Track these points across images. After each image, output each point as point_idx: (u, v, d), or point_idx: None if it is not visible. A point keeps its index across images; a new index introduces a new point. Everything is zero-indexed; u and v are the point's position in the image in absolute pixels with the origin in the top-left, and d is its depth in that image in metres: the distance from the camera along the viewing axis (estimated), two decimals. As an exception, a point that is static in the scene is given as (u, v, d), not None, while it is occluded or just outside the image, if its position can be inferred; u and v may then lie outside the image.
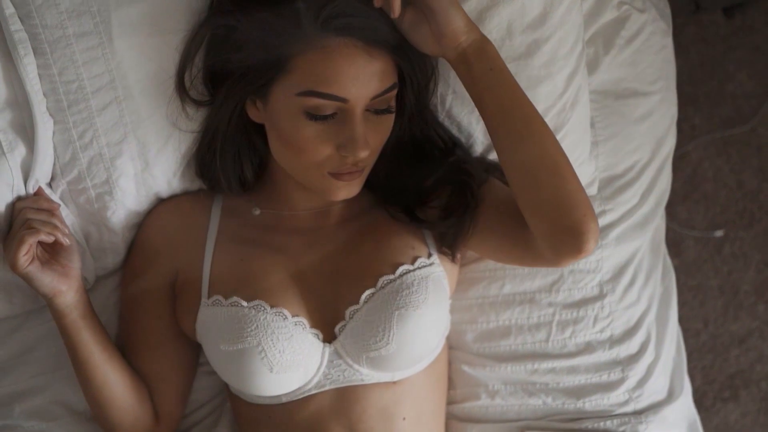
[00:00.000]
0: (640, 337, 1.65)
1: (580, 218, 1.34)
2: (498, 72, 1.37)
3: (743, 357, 2.39)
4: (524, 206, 1.37)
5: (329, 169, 1.41)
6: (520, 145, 1.36)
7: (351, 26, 1.34)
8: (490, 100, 1.37)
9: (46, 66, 1.44)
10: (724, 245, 2.43)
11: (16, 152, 1.44)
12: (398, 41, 1.39)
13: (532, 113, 1.37)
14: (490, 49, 1.37)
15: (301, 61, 1.35)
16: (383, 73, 1.37)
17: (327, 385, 1.47)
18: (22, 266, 1.40)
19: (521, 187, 1.37)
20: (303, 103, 1.36)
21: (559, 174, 1.35)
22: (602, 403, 1.62)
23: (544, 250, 1.38)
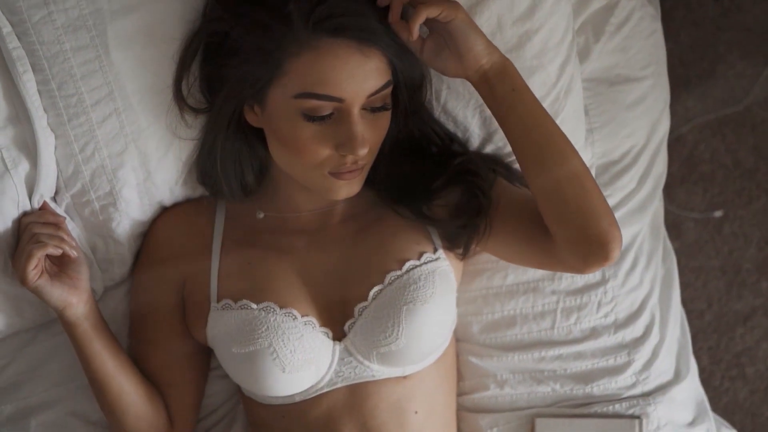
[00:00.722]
0: (645, 319, 1.66)
1: (606, 228, 1.38)
2: (520, 92, 1.40)
3: (748, 335, 2.40)
4: (550, 219, 1.41)
5: (329, 169, 1.42)
6: (544, 161, 1.40)
7: (343, 26, 1.35)
8: (514, 120, 1.41)
9: (45, 81, 1.45)
10: (723, 225, 2.43)
11: (20, 168, 1.45)
12: (391, 39, 1.40)
13: (555, 130, 1.40)
14: (511, 70, 1.41)
15: (296, 64, 1.36)
16: (377, 71, 1.39)
17: (339, 383, 1.48)
18: (31, 280, 1.41)
19: (547, 200, 1.40)
20: (300, 105, 1.37)
21: (584, 187, 1.39)
22: (610, 387, 1.63)
23: (569, 259, 1.41)
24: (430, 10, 1.36)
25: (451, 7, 1.37)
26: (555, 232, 1.41)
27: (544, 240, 1.44)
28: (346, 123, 1.38)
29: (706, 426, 1.68)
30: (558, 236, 1.41)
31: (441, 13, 1.37)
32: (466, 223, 1.50)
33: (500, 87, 1.41)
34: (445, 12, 1.37)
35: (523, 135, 1.41)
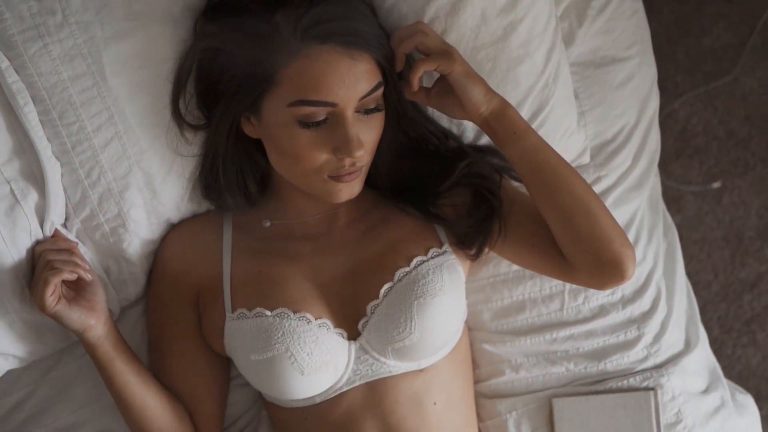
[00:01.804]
0: (651, 293, 1.67)
1: (618, 250, 1.43)
2: (522, 134, 1.44)
3: (756, 301, 2.41)
4: (564, 246, 1.46)
5: (328, 173, 1.44)
6: (552, 194, 1.44)
7: (330, 32, 1.37)
8: (519, 159, 1.45)
9: (46, 112, 1.48)
10: (722, 196, 2.45)
11: (29, 198, 1.47)
12: (378, 42, 1.42)
13: (560, 165, 1.45)
14: (510, 115, 1.45)
15: (288, 73, 1.38)
16: (367, 74, 1.41)
17: (357, 381, 1.50)
18: (50, 306, 1.43)
19: (559, 229, 1.45)
20: (294, 113, 1.40)
21: (592, 214, 1.43)
22: (623, 362, 1.64)
23: (586, 280, 1.48)
24: (427, 65, 1.42)
25: (448, 60, 1.42)
26: (570, 258, 1.46)
27: (559, 258, 1.48)
28: (340, 126, 1.41)
29: (720, 392, 1.69)
30: (573, 262, 1.46)
31: (438, 67, 1.42)
32: (479, 224, 1.53)
33: (501, 131, 1.46)
34: (441, 66, 1.42)
35: (530, 173, 1.46)
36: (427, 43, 1.43)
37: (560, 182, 1.45)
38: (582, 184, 1.46)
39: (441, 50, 1.43)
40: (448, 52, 1.43)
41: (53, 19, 1.46)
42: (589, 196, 1.45)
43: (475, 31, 1.53)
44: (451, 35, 1.52)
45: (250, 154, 1.53)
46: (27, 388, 1.63)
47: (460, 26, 1.52)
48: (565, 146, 1.63)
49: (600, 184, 1.68)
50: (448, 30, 1.52)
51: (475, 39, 1.53)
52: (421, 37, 1.43)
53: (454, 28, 1.52)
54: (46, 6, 1.45)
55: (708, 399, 1.67)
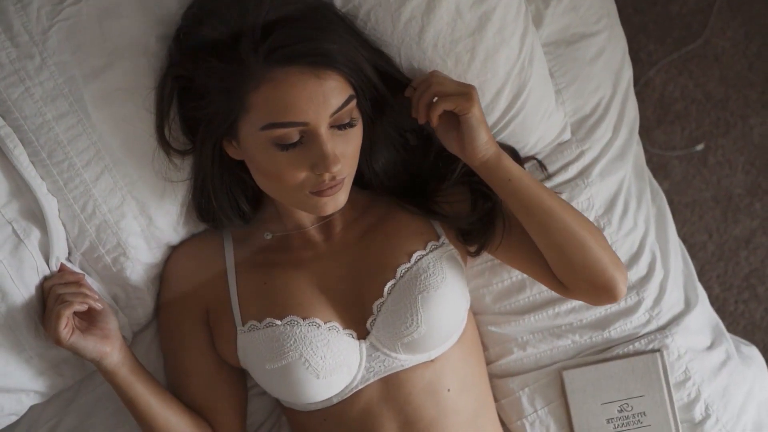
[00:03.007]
0: (646, 258, 1.69)
1: (611, 276, 1.51)
2: (516, 181, 1.49)
3: (752, 256, 2.43)
4: (559, 274, 1.53)
5: (310, 189, 1.45)
6: (546, 232, 1.50)
7: (293, 54, 1.39)
8: (513, 203, 1.51)
9: (35, 153, 1.50)
10: (707, 157, 2.46)
11: (32, 236, 1.50)
12: (344, 57, 1.42)
13: (553, 205, 1.50)
14: (505, 163, 1.49)
15: (256, 98, 1.40)
16: (336, 90, 1.42)
17: (371, 378, 1.53)
18: (65, 339, 1.45)
19: (554, 262, 1.52)
20: (268, 136, 1.41)
21: (586, 248, 1.49)
22: (627, 328, 1.67)
23: (582, 299, 1.57)
24: (448, 105, 1.45)
25: (467, 102, 1.45)
26: (565, 283, 1.53)
27: (554, 278, 1.55)
28: (316, 144, 1.42)
29: (724, 347, 1.72)
30: (568, 286, 1.53)
31: (456, 108, 1.45)
32: (482, 220, 1.57)
33: (496, 177, 1.50)
34: (460, 107, 1.45)
35: (523, 213, 1.51)
36: (445, 90, 1.47)
37: (553, 221, 1.50)
38: (575, 219, 1.51)
39: (459, 92, 1.46)
40: (467, 93, 1.46)
41: (32, 63, 1.48)
42: (582, 231, 1.51)
43: (451, 25, 1.55)
44: (428, 32, 1.54)
45: (238, 175, 1.55)
46: (51, 422, 1.65)
47: (437, 22, 1.54)
48: (546, 125, 1.66)
49: (584, 158, 1.70)
50: (425, 28, 1.54)
51: (452, 33, 1.55)
52: (437, 88, 1.47)
53: (431, 25, 1.54)
54: (23, 51, 1.48)
55: (713, 354, 1.70)
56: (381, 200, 1.62)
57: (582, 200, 1.69)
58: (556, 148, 1.71)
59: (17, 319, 1.50)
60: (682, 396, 1.66)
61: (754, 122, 2.47)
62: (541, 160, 1.69)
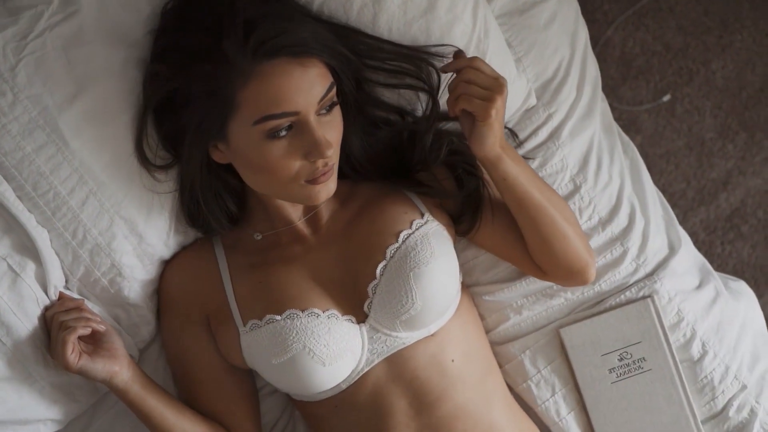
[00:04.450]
0: (625, 209, 1.72)
1: (586, 261, 1.62)
2: (511, 180, 1.55)
3: (732, 197, 2.45)
4: (541, 261, 1.62)
5: (305, 178, 1.48)
6: (534, 225, 1.57)
7: (278, 46, 1.42)
8: (507, 197, 1.57)
9: (20, 187, 1.52)
10: (675, 107, 2.48)
11: (28, 269, 1.52)
12: (322, 44, 1.46)
13: (542, 202, 1.57)
14: (503, 166, 1.54)
15: (246, 94, 1.43)
16: (320, 77, 1.46)
17: (375, 359, 1.55)
18: (74, 364, 1.47)
19: (537, 250, 1.60)
20: (261, 129, 1.44)
21: (567, 238, 1.59)
22: (616, 279, 1.70)
23: (555, 282, 1.67)
24: (469, 107, 1.49)
25: (485, 111, 1.48)
26: (543, 268, 1.63)
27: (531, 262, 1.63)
28: (307, 132, 1.45)
29: (713, 285, 1.75)
30: (546, 271, 1.63)
31: (475, 113, 1.49)
32: (470, 197, 1.62)
33: (494, 174, 1.55)
34: (478, 114, 1.49)
35: (516, 207, 1.58)
36: (472, 89, 1.49)
37: (541, 216, 1.57)
38: (561, 212, 1.60)
39: (484, 96, 1.48)
40: (492, 99, 1.48)
41: (4, 100, 1.50)
42: (565, 223, 1.59)
43: (403, 7, 1.58)
44: (381, 18, 1.57)
45: (224, 178, 1.58)
46: (70, 446, 1.67)
47: (388, 7, 1.57)
48: (511, 94, 1.65)
49: (552, 120, 1.72)
50: (378, 14, 1.57)
51: (404, 15, 1.58)
52: (469, 73, 1.49)
53: (383, 11, 1.57)
54: None
55: (703, 293, 1.73)
56: (361, 188, 1.65)
57: (555, 162, 1.71)
58: (524, 114, 1.74)
59: (25, 351, 1.52)
60: (678, 337, 1.70)
61: (716, 66, 2.50)
62: (512, 128, 1.72)
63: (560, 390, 1.70)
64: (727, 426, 1.70)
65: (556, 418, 1.70)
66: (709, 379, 1.70)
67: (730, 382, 1.70)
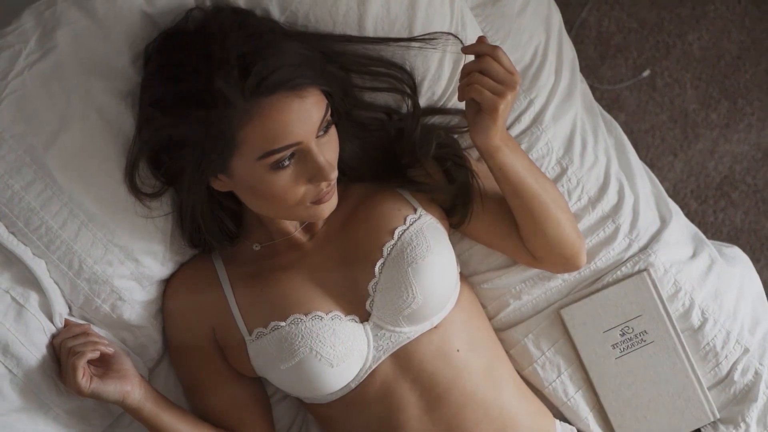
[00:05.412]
0: (614, 186, 1.73)
1: (577, 250, 1.66)
2: (507, 170, 1.57)
3: (720, 165, 2.47)
4: (534, 248, 1.64)
5: (311, 200, 1.50)
6: (529, 212, 1.60)
7: (276, 83, 1.41)
8: (503, 185, 1.60)
9: (12, 224, 1.53)
10: (655, 81, 2.50)
11: (31, 300, 1.53)
12: (313, 71, 1.47)
13: (537, 190, 1.60)
14: (500, 157, 1.56)
15: (247, 132, 1.43)
16: (316, 104, 1.46)
17: (382, 356, 1.57)
18: (86, 388, 1.49)
19: (531, 237, 1.63)
20: (265, 163, 1.45)
21: (561, 225, 1.62)
22: (610, 256, 1.72)
23: (547, 268, 1.70)
24: (479, 97, 1.49)
25: (494, 105, 1.48)
26: (536, 255, 1.66)
27: (525, 250, 1.66)
28: (310, 158, 1.46)
29: (707, 252, 1.77)
30: (539, 258, 1.66)
31: (483, 105, 1.50)
32: (460, 188, 1.63)
33: (491, 163, 1.57)
34: (486, 106, 1.49)
35: (511, 194, 1.60)
36: (492, 73, 1.48)
37: (536, 204, 1.59)
38: (555, 200, 1.62)
39: (497, 90, 1.48)
40: (503, 95, 1.48)
41: None
42: (558, 210, 1.62)
43: (386, 7, 1.60)
44: (367, 19, 1.60)
45: (222, 202, 1.60)
46: (89, 470, 1.68)
47: (372, 7, 1.59)
48: None
49: (534, 106, 1.73)
50: (363, 15, 1.59)
51: (388, 14, 1.60)
52: (486, 63, 1.48)
53: (368, 12, 1.60)
54: None
55: (698, 262, 1.74)
56: (353, 189, 1.67)
57: (541, 146, 1.73)
58: (505, 103, 1.76)
59: (36, 380, 1.53)
60: (677, 307, 1.71)
61: (692, 38, 2.52)
62: None
63: (566, 370, 1.72)
64: (733, 390, 1.72)
65: (564, 398, 1.72)
66: (711, 345, 1.71)
67: (732, 347, 1.72)
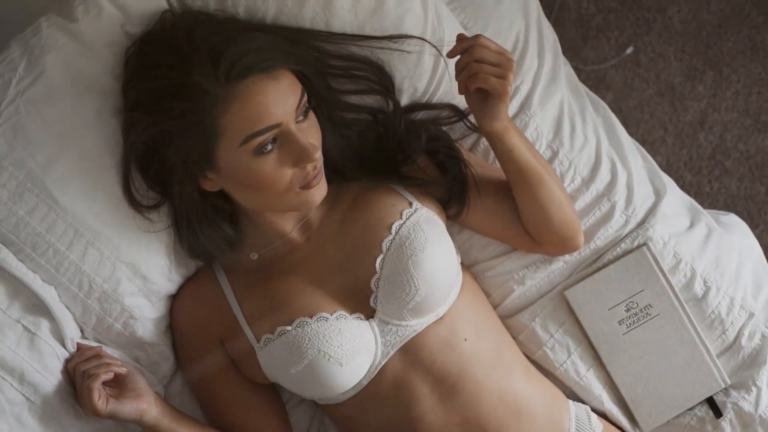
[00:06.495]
0: (606, 165, 1.75)
1: (576, 230, 1.69)
2: (516, 151, 1.59)
3: (710, 135, 2.48)
4: (536, 231, 1.66)
5: (299, 185, 1.52)
6: (534, 194, 1.62)
7: (248, 67, 1.45)
8: (509, 168, 1.62)
9: (20, 250, 1.54)
10: (639, 57, 2.51)
11: (42, 327, 1.54)
12: (284, 54, 1.50)
13: (541, 172, 1.62)
14: (509, 137, 1.58)
15: (228, 119, 1.46)
16: (291, 86, 1.49)
17: (390, 351, 1.58)
18: (103, 410, 1.50)
19: (533, 219, 1.65)
20: (248, 148, 1.48)
21: (563, 206, 1.65)
22: (609, 234, 1.72)
23: (547, 251, 1.72)
24: (485, 85, 1.50)
25: (501, 88, 1.50)
26: (539, 239, 1.68)
27: (524, 233, 1.67)
28: (292, 140, 1.49)
29: (704, 222, 1.78)
30: (541, 242, 1.68)
31: (492, 91, 1.51)
32: (455, 179, 1.65)
33: (501, 146, 1.59)
34: (495, 91, 1.51)
35: (517, 178, 1.62)
36: (487, 59, 1.50)
37: (541, 184, 1.62)
38: (555, 181, 1.65)
39: (498, 74, 1.49)
40: (505, 77, 1.50)
41: None
42: (561, 194, 1.65)
43: (353, 11, 1.61)
44: (335, 25, 1.61)
45: (215, 204, 1.61)
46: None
47: (338, 12, 1.61)
48: None
49: (520, 92, 1.74)
50: (330, 21, 1.60)
51: (356, 18, 1.62)
52: (479, 51, 1.50)
53: (335, 17, 1.61)
54: None
55: (696, 231, 1.75)
56: (347, 188, 1.68)
57: (530, 132, 1.74)
58: (491, 91, 1.78)
59: (54, 406, 1.54)
60: (679, 278, 1.72)
61: (672, 12, 2.53)
62: None
63: (575, 350, 1.73)
64: (741, 355, 1.73)
65: (576, 377, 1.73)
66: (716, 313, 1.73)
67: (737, 313, 1.73)
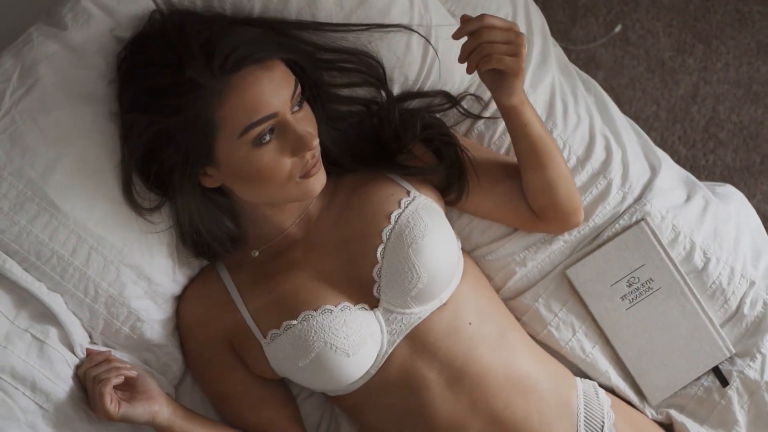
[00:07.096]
0: (600, 143, 1.76)
1: (578, 205, 1.70)
2: (530, 126, 1.61)
3: (703, 107, 2.48)
4: (540, 207, 1.68)
5: (299, 174, 1.54)
6: (544, 168, 1.63)
7: (241, 58, 1.47)
8: (522, 142, 1.63)
9: (24, 259, 1.55)
10: (628, 35, 2.51)
11: (51, 335, 1.56)
12: (276, 44, 1.52)
13: (552, 147, 1.64)
14: (526, 111, 1.60)
15: (224, 111, 1.47)
16: (285, 76, 1.51)
17: (396, 339, 1.59)
18: (115, 413, 1.52)
19: (539, 194, 1.66)
20: (247, 140, 1.49)
21: (569, 180, 1.67)
22: (607, 211, 1.74)
23: (550, 228, 1.72)
24: (499, 65, 1.50)
25: (515, 65, 1.50)
26: (543, 216, 1.69)
27: (526, 211, 1.69)
28: (289, 130, 1.50)
29: (700, 194, 1.79)
30: (544, 218, 1.69)
31: (506, 69, 1.51)
32: (452, 165, 1.66)
33: (516, 120, 1.60)
34: (509, 69, 1.51)
35: (530, 153, 1.63)
36: (497, 38, 1.48)
37: (551, 159, 1.63)
38: (563, 160, 1.66)
39: (509, 52, 1.48)
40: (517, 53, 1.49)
41: None
42: (565, 166, 1.66)
43: (338, 3, 1.62)
44: (321, 17, 1.62)
45: (216, 201, 1.62)
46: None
47: (324, 5, 1.62)
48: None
49: (510, 77, 1.76)
50: (316, 15, 1.61)
51: (341, 10, 1.63)
52: (487, 34, 1.48)
53: (321, 9, 1.62)
54: None
55: (693, 204, 1.77)
56: (344, 180, 1.69)
57: (523, 115, 1.74)
58: (482, 77, 1.78)
59: (67, 413, 1.56)
60: (679, 251, 1.73)
61: (659, -14, 2.54)
62: (474, 92, 1.76)
63: (580, 328, 1.74)
64: (744, 323, 1.74)
65: (582, 355, 1.74)
66: (717, 283, 1.74)
67: (738, 282, 1.74)
